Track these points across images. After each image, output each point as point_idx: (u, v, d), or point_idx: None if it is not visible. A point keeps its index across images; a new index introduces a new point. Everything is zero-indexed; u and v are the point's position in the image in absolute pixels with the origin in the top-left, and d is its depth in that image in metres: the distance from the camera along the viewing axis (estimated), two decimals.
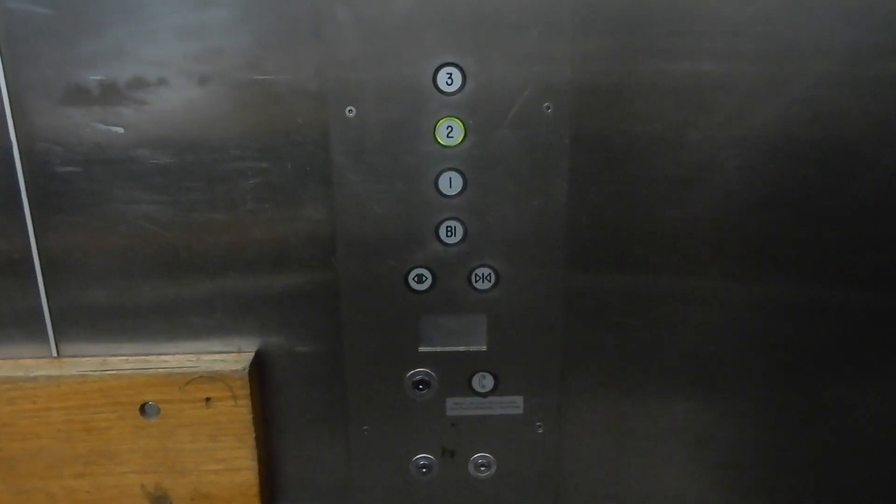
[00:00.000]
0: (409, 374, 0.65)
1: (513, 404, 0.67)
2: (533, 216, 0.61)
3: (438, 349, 0.65)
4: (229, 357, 0.63)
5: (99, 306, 0.63)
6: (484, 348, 0.65)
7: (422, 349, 0.65)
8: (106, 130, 0.58)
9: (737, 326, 0.65)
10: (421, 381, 0.65)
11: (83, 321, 0.63)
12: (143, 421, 0.62)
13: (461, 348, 0.65)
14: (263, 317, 0.63)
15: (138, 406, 0.62)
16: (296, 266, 0.62)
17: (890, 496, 0.72)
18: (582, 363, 0.66)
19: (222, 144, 0.59)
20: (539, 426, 0.68)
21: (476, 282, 0.63)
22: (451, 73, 0.57)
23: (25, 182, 0.59)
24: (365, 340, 0.64)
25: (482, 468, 0.69)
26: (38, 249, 0.61)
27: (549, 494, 0.70)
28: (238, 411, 0.62)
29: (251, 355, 0.63)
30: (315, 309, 0.63)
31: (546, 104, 0.58)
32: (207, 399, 0.62)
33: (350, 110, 0.58)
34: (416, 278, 0.63)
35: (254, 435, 0.63)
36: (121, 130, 0.58)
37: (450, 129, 0.59)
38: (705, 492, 0.71)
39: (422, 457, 0.68)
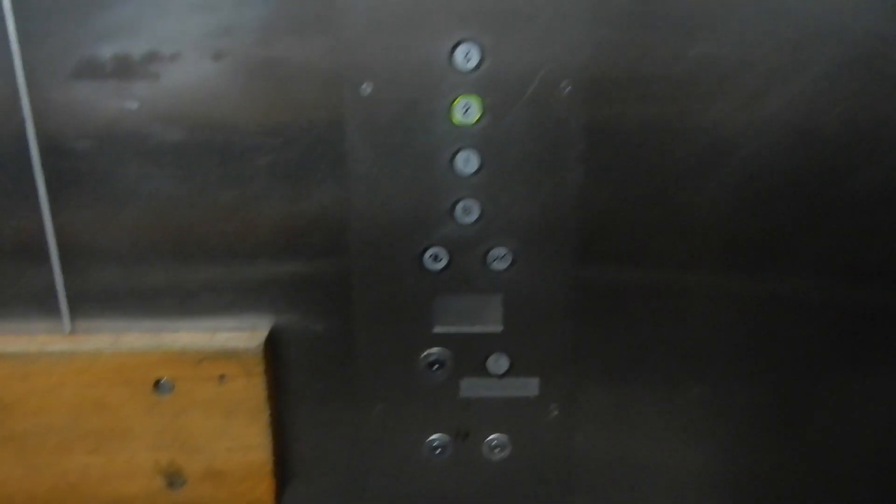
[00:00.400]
0: (423, 354, 0.65)
1: (528, 386, 0.66)
2: (549, 197, 0.60)
3: (453, 329, 0.64)
4: (243, 335, 0.63)
5: (112, 283, 0.62)
6: (500, 329, 0.64)
7: (436, 330, 0.64)
8: (119, 106, 0.57)
9: (750, 317, 0.65)
10: (435, 362, 0.65)
11: (97, 298, 0.63)
12: (156, 398, 0.62)
13: (476, 329, 0.64)
14: (277, 295, 0.63)
15: (152, 383, 0.62)
16: (309, 244, 0.62)
17: None
18: (593, 346, 0.66)
19: (235, 122, 0.58)
20: (553, 408, 0.67)
21: (492, 262, 0.62)
22: (468, 51, 0.57)
23: (41, 158, 0.58)
24: (379, 320, 0.64)
25: (496, 450, 0.68)
26: (52, 226, 0.60)
27: (562, 476, 0.70)
28: (252, 389, 0.62)
29: (265, 333, 0.63)
30: (329, 287, 0.63)
31: (564, 84, 0.57)
32: (221, 376, 0.61)
33: (365, 88, 0.57)
34: (431, 258, 0.62)
35: (268, 413, 0.63)
36: (134, 106, 0.57)
37: (467, 107, 0.58)
38: (714, 476, 0.71)
39: (435, 437, 0.68)
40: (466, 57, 0.57)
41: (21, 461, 0.64)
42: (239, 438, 0.63)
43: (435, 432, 0.68)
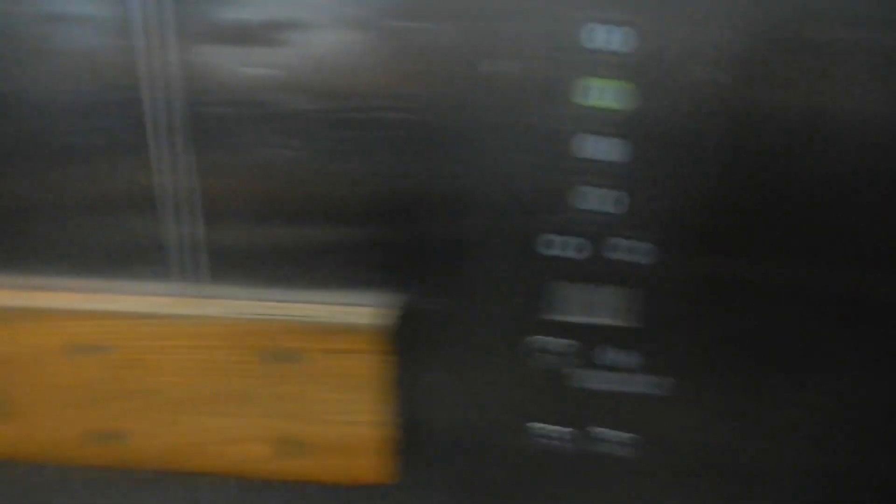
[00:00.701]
0: (538, 341, 0.64)
1: (650, 383, 0.64)
2: (688, 191, 0.58)
3: (574, 319, 0.63)
4: (367, 310, 0.63)
5: (241, 249, 0.64)
6: (624, 323, 0.63)
7: (555, 318, 0.63)
8: (249, 72, 0.58)
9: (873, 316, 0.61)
10: (552, 350, 0.64)
11: (228, 261, 0.64)
12: (278, 366, 0.63)
13: (599, 321, 0.63)
14: (400, 273, 0.63)
15: (274, 351, 0.63)
16: (433, 223, 0.61)
17: None
18: (719, 345, 0.63)
19: (361, 92, 0.58)
20: (677, 406, 0.65)
21: (618, 253, 0.61)
22: (607, 31, 0.55)
23: (182, 118, 0.60)
24: (495, 302, 0.63)
25: (612, 445, 0.67)
26: (196, 185, 0.62)
27: (683, 474, 0.68)
28: (374, 366, 0.62)
29: (388, 310, 0.63)
30: (452, 267, 0.63)
31: (713, 72, 0.55)
32: (343, 350, 0.62)
33: (492, 64, 0.56)
34: (554, 244, 0.61)
35: (387, 389, 0.63)
36: (266, 72, 0.58)
37: (600, 90, 0.56)
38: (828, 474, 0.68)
39: (549, 428, 0.67)
40: (607, 38, 0.55)
41: (145, 417, 0.66)
42: (358, 413, 0.64)
43: (548, 422, 0.67)
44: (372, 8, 0.56)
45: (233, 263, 0.64)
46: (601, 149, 0.58)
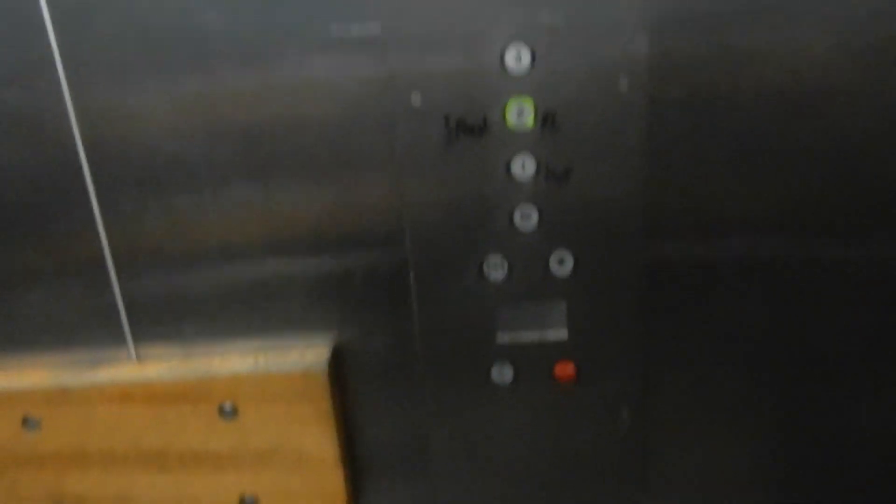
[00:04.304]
0: (487, 364, 0.64)
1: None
2: (610, 195, 0.58)
3: (517, 338, 0.63)
4: (307, 352, 0.62)
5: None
6: (565, 336, 0.63)
7: (500, 339, 0.63)
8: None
9: (828, 292, 0.61)
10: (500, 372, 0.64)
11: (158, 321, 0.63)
12: (222, 422, 0.62)
13: (541, 337, 0.63)
14: (339, 309, 0.62)
15: (216, 407, 0.62)
16: (368, 257, 0.61)
17: None
18: (665, 339, 0.63)
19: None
20: (624, 412, 0.65)
21: (553, 267, 0.61)
22: (519, 52, 0.55)
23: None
24: (442, 331, 0.63)
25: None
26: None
27: (635, 479, 0.68)
28: (318, 407, 0.62)
29: (328, 350, 0.62)
30: (391, 300, 0.62)
31: (622, 80, 0.55)
32: (286, 396, 0.61)
33: (415, 98, 0.56)
34: (491, 266, 0.60)
35: (335, 428, 0.62)
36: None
37: (520, 110, 0.56)
38: (793, 468, 0.68)
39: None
40: (518, 59, 0.55)
41: (103, 482, 0.65)
42: (308, 458, 0.63)
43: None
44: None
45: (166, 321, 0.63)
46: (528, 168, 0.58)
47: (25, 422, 0.63)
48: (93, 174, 0.58)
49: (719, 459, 0.68)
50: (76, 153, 0.57)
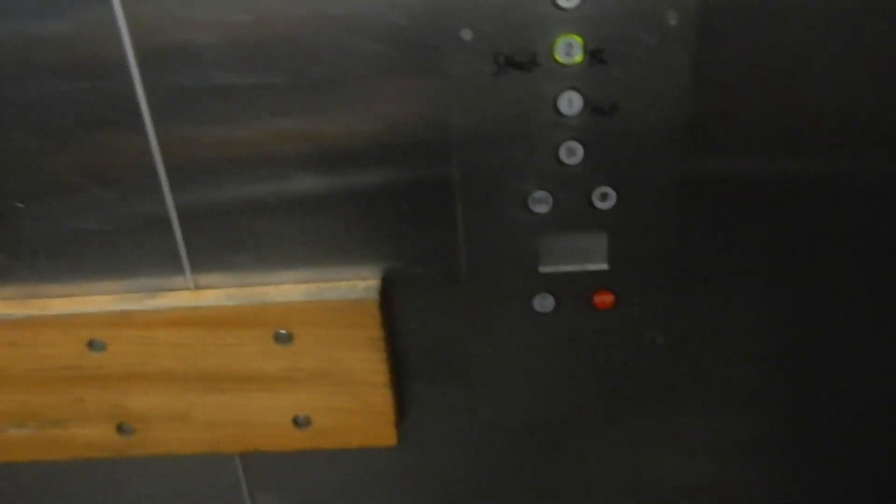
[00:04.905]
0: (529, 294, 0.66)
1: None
2: (654, 131, 0.59)
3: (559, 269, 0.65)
4: (358, 283, 0.65)
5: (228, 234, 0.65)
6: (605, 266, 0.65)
7: (542, 269, 0.65)
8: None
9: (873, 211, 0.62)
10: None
11: (214, 252, 0.65)
12: (277, 347, 0.65)
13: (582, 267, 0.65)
14: (387, 242, 0.64)
15: (272, 334, 0.65)
16: (416, 190, 0.62)
17: None
18: (700, 266, 0.65)
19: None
20: (658, 337, 0.68)
21: (596, 201, 0.62)
22: None
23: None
24: (485, 261, 0.65)
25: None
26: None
27: (666, 398, 0.71)
28: (369, 335, 0.65)
29: (378, 281, 0.65)
30: (436, 232, 0.64)
31: (671, 14, 0.55)
32: (338, 324, 0.64)
33: (465, 33, 0.56)
34: (535, 200, 0.62)
35: (385, 356, 0.65)
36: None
37: (569, 46, 0.57)
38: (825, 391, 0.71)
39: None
40: None
41: (163, 402, 0.69)
42: (358, 381, 0.66)
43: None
44: None
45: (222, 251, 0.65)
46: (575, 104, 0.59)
47: (91, 343, 0.66)
48: (150, 106, 0.60)
49: (748, 378, 0.71)
50: (132, 86, 0.59)
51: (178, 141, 0.61)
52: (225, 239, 0.65)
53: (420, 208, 0.63)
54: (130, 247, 0.65)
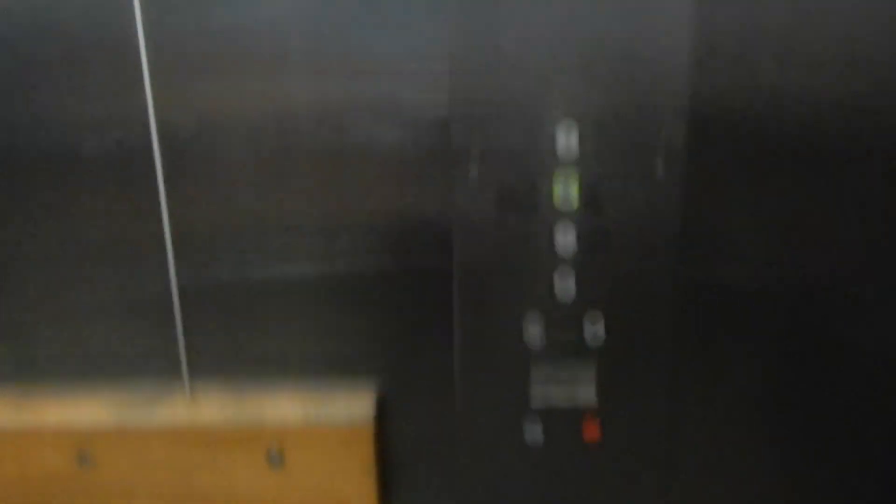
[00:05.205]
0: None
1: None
2: (643, 270, 0.63)
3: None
4: (352, 402, 0.66)
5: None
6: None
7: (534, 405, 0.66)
8: None
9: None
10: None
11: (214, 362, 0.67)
12: (269, 469, 0.65)
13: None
14: (385, 363, 0.66)
15: (265, 452, 0.65)
16: (415, 316, 0.65)
17: None
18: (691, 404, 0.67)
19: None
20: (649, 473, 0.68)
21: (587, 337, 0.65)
22: (567, 134, 0.60)
23: None
24: (480, 393, 0.66)
25: None
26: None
27: None
28: (361, 455, 0.65)
29: (373, 400, 0.66)
30: (434, 358, 0.66)
31: (660, 163, 0.61)
32: (329, 443, 0.65)
33: (473, 172, 0.61)
34: (530, 332, 0.65)
35: (375, 478, 0.65)
36: None
37: (565, 189, 0.61)
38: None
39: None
40: (566, 140, 0.60)
41: None
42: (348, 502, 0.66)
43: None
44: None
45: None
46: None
47: (81, 457, 0.65)
48: (170, 211, 0.63)
49: None
50: (158, 201, 0.63)
51: (190, 246, 0.64)
52: (225, 345, 0.66)
53: (418, 331, 0.65)
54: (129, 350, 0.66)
